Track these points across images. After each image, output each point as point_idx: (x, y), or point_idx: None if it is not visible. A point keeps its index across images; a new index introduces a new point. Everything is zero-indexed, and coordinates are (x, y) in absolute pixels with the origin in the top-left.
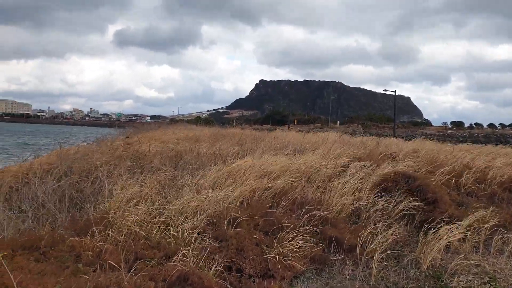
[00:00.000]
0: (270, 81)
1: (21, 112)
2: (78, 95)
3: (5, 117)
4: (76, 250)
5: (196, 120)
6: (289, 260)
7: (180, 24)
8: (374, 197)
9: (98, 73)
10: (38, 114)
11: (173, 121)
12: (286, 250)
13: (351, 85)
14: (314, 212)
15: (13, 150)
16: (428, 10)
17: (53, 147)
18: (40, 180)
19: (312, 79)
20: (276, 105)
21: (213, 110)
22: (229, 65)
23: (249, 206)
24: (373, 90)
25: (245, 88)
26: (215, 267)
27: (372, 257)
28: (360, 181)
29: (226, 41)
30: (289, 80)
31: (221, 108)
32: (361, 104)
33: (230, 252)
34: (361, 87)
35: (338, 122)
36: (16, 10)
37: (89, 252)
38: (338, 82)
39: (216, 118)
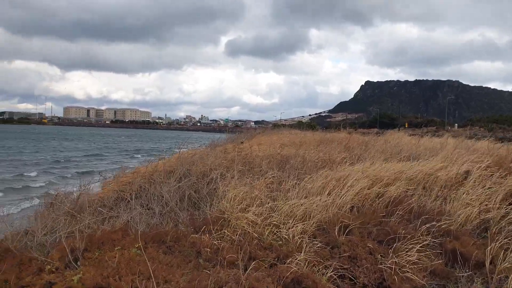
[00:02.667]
0: (377, 82)
1: (142, 119)
2: (192, 103)
3: (130, 124)
4: (197, 246)
5: (299, 124)
6: (406, 272)
7: (288, 30)
8: (506, 209)
9: (210, 82)
10: (157, 120)
11: (276, 126)
12: (403, 261)
13: (471, 84)
14: (433, 223)
15: (143, 153)
16: None
17: (173, 150)
18: (165, 180)
19: (425, 78)
20: (383, 107)
21: (315, 114)
22: (335, 68)
23: (361, 213)
24: (499, 89)
25: (350, 91)
26: (327, 272)
27: (507, 277)
28: (487, 190)
29: (334, 44)
30: (398, 81)
31: (324, 112)
32: (483, 105)
33: (342, 259)
34: (484, 85)
35: (456, 124)
36: (143, 29)
37: (208, 249)
38: (455, 81)
39: (319, 122)
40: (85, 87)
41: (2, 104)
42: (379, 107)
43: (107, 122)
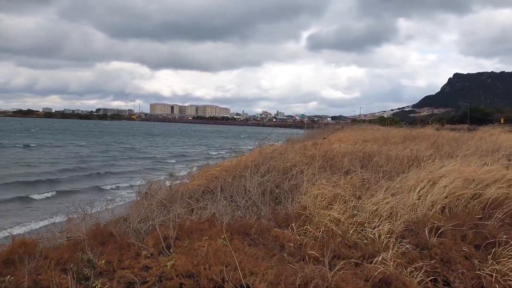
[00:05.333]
0: (467, 74)
1: (221, 115)
2: (269, 99)
3: (209, 120)
4: (280, 240)
5: (380, 120)
6: (509, 281)
7: (375, 21)
8: None
9: (288, 78)
10: (235, 117)
11: (355, 121)
12: (505, 269)
13: None
14: None
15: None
16: None
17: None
18: (249, 175)
19: None
20: (474, 101)
21: (398, 109)
22: (422, 60)
23: (454, 215)
24: None
25: (437, 84)
26: (418, 275)
27: None
28: None
29: (423, 35)
30: (492, 72)
31: (407, 106)
32: None
33: (434, 262)
34: None
35: None
36: (228, 28)
37: (291, 244)
38: None
39: (402, 118)
40: (171, 85)
41: (99, 102)
42: (469, 101)
43: (189, 118)
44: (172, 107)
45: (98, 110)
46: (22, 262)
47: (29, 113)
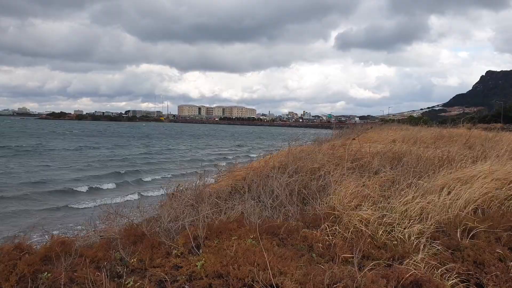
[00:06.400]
0: (501, 71)
1: (248, 116)
2: (296, 99)
3: (236, 120)
4: (308, 241)
5: (410, 119)
6: None
7: (406, 18)
8: None
9: (316, 78)
10: (261, 117)
11: (383, 121)
12: None
13: None
14: None
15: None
16: None
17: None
18: (276, 175)
19: None
20: (509, 99)
21: (428, 108)
22: (454, 58)
23: (487, 216)
24: None
25: (468, 82)
26: (450, 277)
27: None
28: None
29: (456, 31)
30: None
31: (437, 105)
32: None
33: (467, 264)
34: None
35: None
36: (257, 29)
37: (320, 244)
38: None
39: (432, 117)
40: (199, 86)
41: (128, 104)
42: (503, 100)
43: (216, 119)
44: (199, 108)
45: (127, 112)
46: (59, 260)
47: (61, 115)
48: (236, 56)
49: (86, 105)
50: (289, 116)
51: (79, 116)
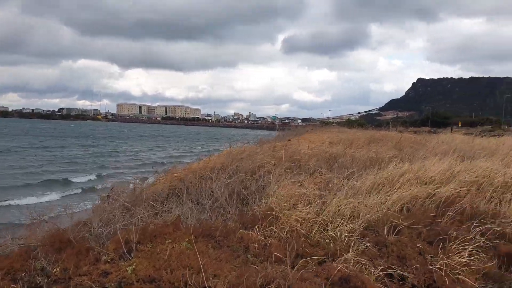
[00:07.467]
0: (430, 79)
1: (192, 116)
2: (242, 101)
3: (179, 120)
4: (245, 242)
5: (348, 122)
6: (458, 274)
7: (348, 26)
8: None
9: (262, 80)
10: (206, 118)
11: (324, 123)
12: (454, 263)
13: None
14: (488, 225)
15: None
16: None
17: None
18: (215, 177)
19: (482, 76)
20: (436, 105)
21: (365, 112)
22: (390, 65)
23: (411, 214)
24: None
25: (402, 88)
26: (376, 272)
27: None
28: None
29: (393, 41)
30: (451, 78)
31: (374, 109)
32: None
33: (391, 259)
34: None
35: None
36: (203, 28)
37: (256, 245)
38: None
39: (368, 120)
40: (141, 84)
41: (63, 101)
42: (431, 105)
43: (158, 118)
44: (140, 107)
45: (60, 109)
46: None
47: None
48: (182, 54)
49: (12, 101)
50: (235, 117)
51: (3, 113)
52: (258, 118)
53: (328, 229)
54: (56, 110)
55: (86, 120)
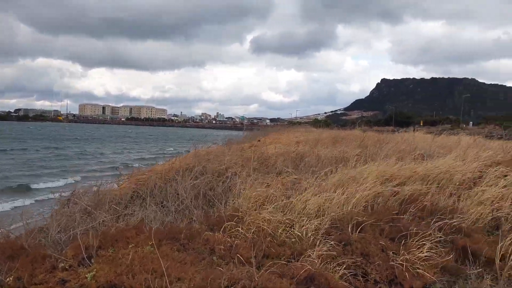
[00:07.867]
0: (393, 80)
1: (158, 116)
2: (210, 101)
3: (145, 121)
4: (210, 244)
5: (314, 122)
6: (417, 268)
7: (316, 27)
8: None
9: (230, 80)
10: (172, 118)
11: (292, 123)
12: (414, 258)
13: (488, 82)
14: (446, 221)
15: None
16: None
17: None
18: (181, 178)
19: (442, 76)
20: (399, 105)
21: (331, 112)
22: (356, 66)
23: (375, 211)
24: None
25: (367, 88)
26: (340, 270)
27: None
28: (502, 189)
29: (359, 42)
30: (414, 79)
31: (339, 109)
32: (500, 104)
33: (355, 256)
34: (506, 84)
35: (471, 122)
36: (173, 27)
37: (222, 246)
38: (472, 79)
39: (334, 120)
40: (105, 84)
41: (20, 101)
42: (394, 105)
43: (122, 119)
44: (103, 107)
45: (17, 110)
46: None
47: None
48: (148, 53)
49: None
50: (202, 117)
51: None
52: (226, 118)
53: (294, 228)
54: (13, 111)
55: (46, 121)
